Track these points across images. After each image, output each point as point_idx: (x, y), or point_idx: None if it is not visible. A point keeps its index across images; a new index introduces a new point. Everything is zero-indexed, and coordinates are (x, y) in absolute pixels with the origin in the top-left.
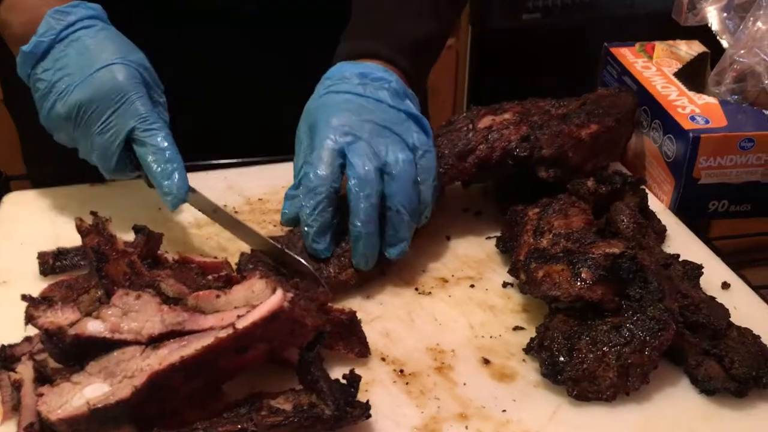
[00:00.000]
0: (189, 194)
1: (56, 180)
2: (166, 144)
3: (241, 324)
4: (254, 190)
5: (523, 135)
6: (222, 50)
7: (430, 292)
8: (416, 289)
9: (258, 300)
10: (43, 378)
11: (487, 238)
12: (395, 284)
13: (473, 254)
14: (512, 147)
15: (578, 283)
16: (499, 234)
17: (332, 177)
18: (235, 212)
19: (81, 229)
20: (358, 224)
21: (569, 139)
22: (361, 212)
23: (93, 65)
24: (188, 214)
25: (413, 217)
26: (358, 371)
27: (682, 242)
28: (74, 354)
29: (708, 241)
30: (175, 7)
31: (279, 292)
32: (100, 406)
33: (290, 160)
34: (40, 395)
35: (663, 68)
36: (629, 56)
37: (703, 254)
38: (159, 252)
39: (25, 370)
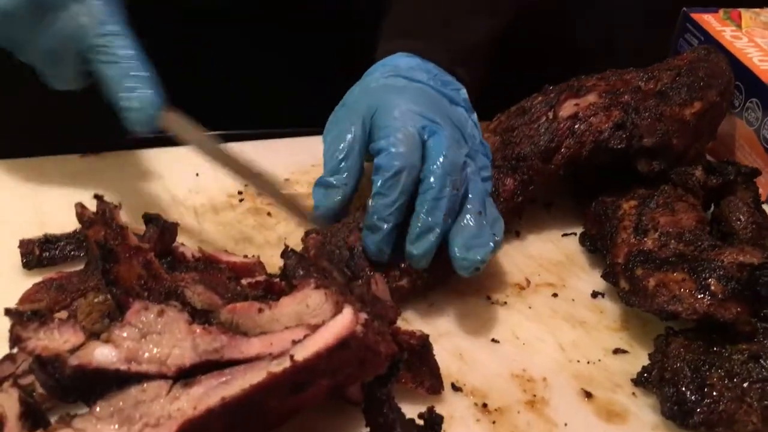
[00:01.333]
0: (161, 113)
1: (20, 150)
2: (130, 52)
3: (300, 354)
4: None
5: (617, 122)
6: (221, 50)
7: (505, 302)
8: (488, 297)
9: (315, 318)
10: (33, 415)
11: (563, 235)
12: (461, 292)
13: (549, 255)
14: (605, 138)
15: (706, 298)
16: (576, 230)
17: (416, 162)
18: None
19: (83, 219)
20: (439, 214)
21: (672, 123)
22: (445, 202)
23: None
24: (201, 196)
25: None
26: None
27: None
28: (76, 388)
29: None
30: (176, 5)
31: (348, 312)
32: None
33: None
34: None
35: (756, 39)
36: (714, 23)
37: None
38: (174, 245)
39: (7, 402)
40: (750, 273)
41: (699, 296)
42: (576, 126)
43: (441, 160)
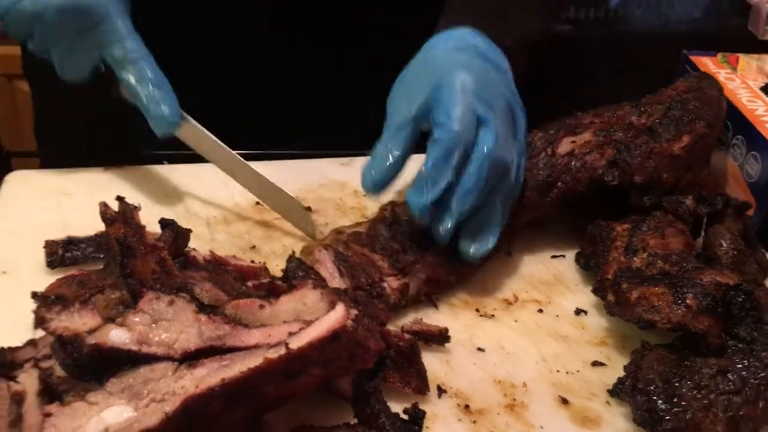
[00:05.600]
0: (182, 122)
1: (69, 160)
2: (152, 70)
3: (295, 343)
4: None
5: (610, 160)
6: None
7: (493, 315)
8: (477, 310)
9: (311, 315)
10: (51, 392)
11: (553, 257)
12: (452, 303)
13: (539, 274)
14: (599, 175)
15: (681, 310)
16: (566, 252)
17: (470, 140)
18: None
19: (105, 216)
20: (465, 205)
21: (662, 159)
22: (476, 196)
23: None
24: (213, 209)
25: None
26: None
27: None
28: (92, 367)
29: None
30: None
31: (341, 308)
32: None
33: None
34: (48, 415)
35: (748, 81)
36: (711, 66)
37: None
38: (186, 249)
39: (28, 380)
40: (725, 292)
41: (675, 308)
42: (572, 163)
43: (483, 158)
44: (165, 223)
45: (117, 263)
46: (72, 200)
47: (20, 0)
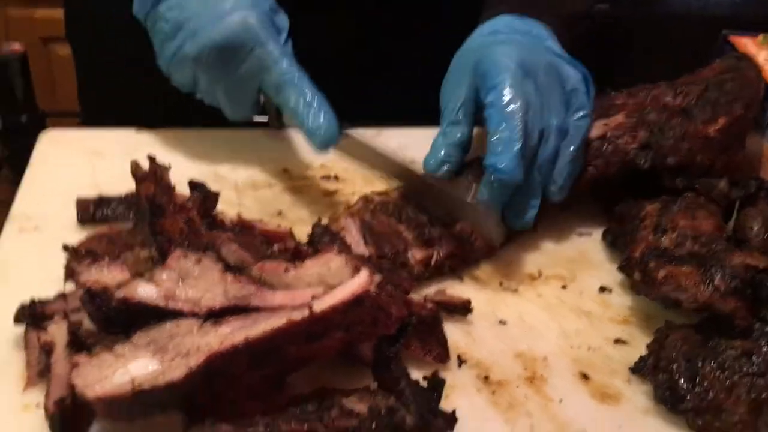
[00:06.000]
0: (340, 136)
1: (109, 122)
2: (308, 89)
3: (319, 306)
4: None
5: (642, 142)
6: None
7: (516, 290)
8: (500, 283)
9: (335, 279)
10: (79, 344)
11: (578, 235)
12: (475, 276)
13: (564, 251)
14: (631, 158)
15: (708, 290)
16: (592, 231)
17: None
18: None
19: (136, 175)
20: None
21: (696, 141)
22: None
23: (223, 6)
24: (242, 173)
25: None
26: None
27: None
28: (119, 320)
29: None
30: None
31: (365, 273)
32: (146, 387)
33: None
34: (75, 365)
35: None
36: (751, 47)
37: None
38: (214, 212)
39: (57, 332)
40: (754, 274)
41: (702, 288)
42: (604, 147)
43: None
44: (194, 185)
45: (146, 221)
46: (104, 160)
47: (181, 48)
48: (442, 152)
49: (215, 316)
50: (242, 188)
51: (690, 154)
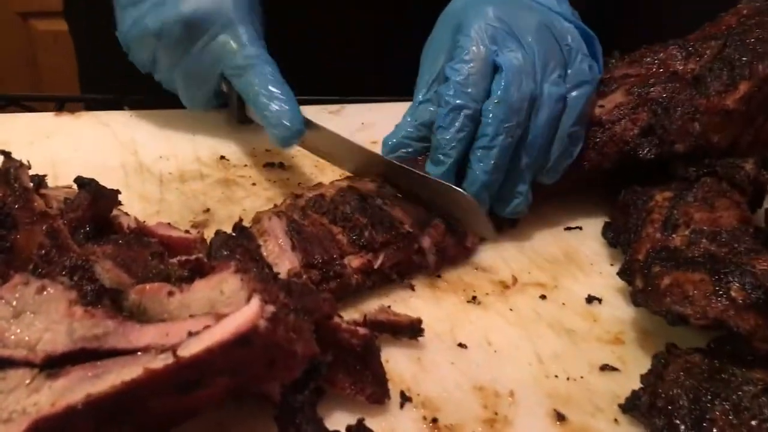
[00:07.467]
0: (306, 131)
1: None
2: (273, 77)
3: (186, 350)
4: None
5: (644, 126)
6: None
7: (481, 302)
8: (464, 294)
9: (228, 306)
10: None
11: (566, 229)
12: (434, 284)
13: (546, 251)
14: (631, 148)
15: (722, 303)
16: (582, 224)
17: (479, 95)
18: None
19: None
20: (488, 162)
21: (711, 117)
22: (496, 152)
23: None
24: (170, 163)
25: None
26: (372, 417)
27: None
28: None
29: None
30: None
31: (255, 302)
32: None
33: None
34: None
35: None
36: None
37: None
38: (115, 214)
39: None
40: None
41: (714, 300)
42: (598, 135)
43: (497, 101)
44: (82, 183)
45: None
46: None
47: (141, 19)
48: (404, 132)
49: (54, 364)
50: (167, 181)
51: (703, 136)
